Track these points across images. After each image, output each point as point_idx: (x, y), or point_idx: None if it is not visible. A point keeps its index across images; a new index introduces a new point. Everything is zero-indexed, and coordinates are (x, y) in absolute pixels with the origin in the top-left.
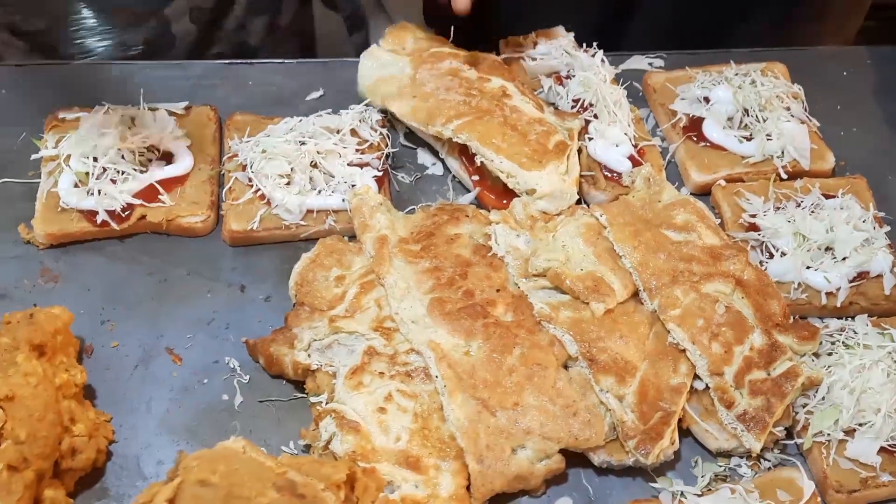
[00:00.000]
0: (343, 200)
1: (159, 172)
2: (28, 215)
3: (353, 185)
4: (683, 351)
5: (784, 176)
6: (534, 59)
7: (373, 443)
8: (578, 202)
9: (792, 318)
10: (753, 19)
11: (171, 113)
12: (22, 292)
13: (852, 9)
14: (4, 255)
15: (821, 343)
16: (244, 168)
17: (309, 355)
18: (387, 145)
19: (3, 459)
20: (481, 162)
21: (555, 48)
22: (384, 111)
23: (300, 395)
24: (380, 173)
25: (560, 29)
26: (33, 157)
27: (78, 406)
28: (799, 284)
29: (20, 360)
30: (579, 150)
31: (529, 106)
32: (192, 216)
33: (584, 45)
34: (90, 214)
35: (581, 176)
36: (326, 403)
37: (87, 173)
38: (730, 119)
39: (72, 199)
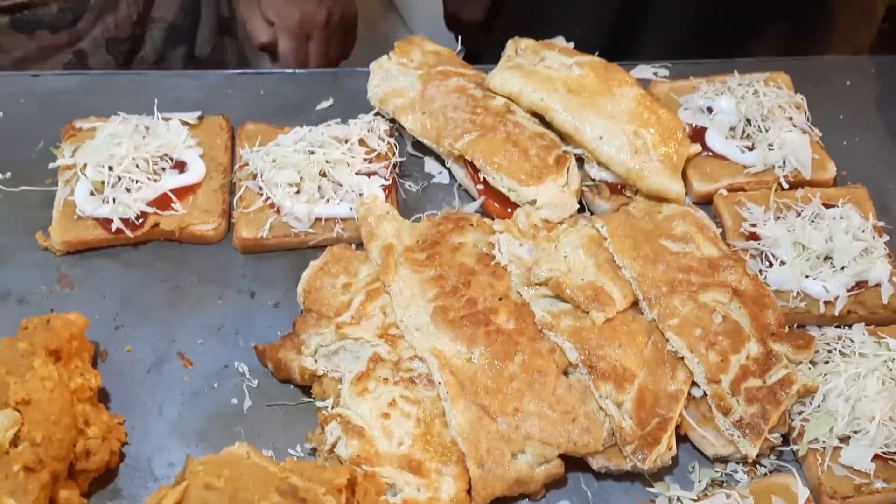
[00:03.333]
0: (351, 209)
1: (172, 181)
2: (45, 223)
3: (360, 194)
4: (681, 359)
5: (785, 185)
6: None
7: (376, 447)
8: (581, 211)
9: (788, 327)
10: (764, 31)
11: (183, 122)
12: (39, 298)
13: (863, 20)
14: (23, 261)
15: (817, 351)
16: (255, 177)
17: (316, 361)
18: (394, 154)
19: (20, 461)
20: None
21: None
22: (392, 120)
23: (307, 399)
24: (387, 182)
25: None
26: (50, 165)
27: (92, 409)
28: (798, 293)
29: (37, 365)
30: (581, 164)
31: (532, 122)
32: (203, 224)
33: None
34: (105, 222)
35: (586, 186)
36: (332, 408)
37: (103, 182)
38: (732, 129)
39: (87, 207)
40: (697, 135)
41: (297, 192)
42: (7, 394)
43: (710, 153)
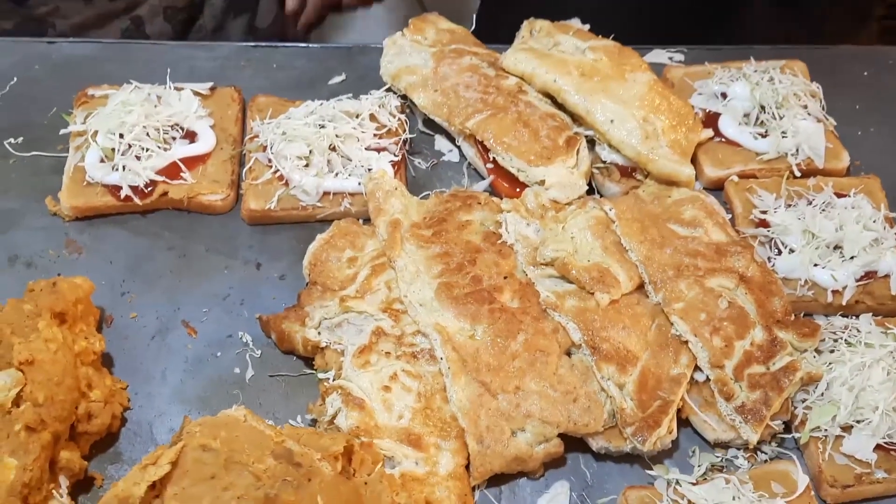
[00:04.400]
0: (359, 184)
1: (182, 150)
2: (55, 188)
3: (369, 169)
4: (685, 343)
5: (797, 174)
6: None
7: (376, 419)
8: (591, 193)
9: (795, 315)
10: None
11: (196, 93)
12: (47, 262)
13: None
14: (32, 225)
15: (823, 340)
16: (264, 149)
17: (319, 333)
18: (405, 131)
19: (21, 420)
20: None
21: None
22: (404, 97)
23: (309, 371)
24: (397, 158)
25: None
26: (62, 131)
27: (95, 373)
28: (806, 281)
29: (41, 327)
30: (592, 146)
31: (544, 102)
32: (212, 194)
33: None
34: (114, 189)
35: (596, 168)
36: (334, 380)
37: (113, 149)
38: (746, 115)
39: (97, 174)
40: (711, 120)
41: (307, 165)
42: (11, 354)
43: (723, 139)
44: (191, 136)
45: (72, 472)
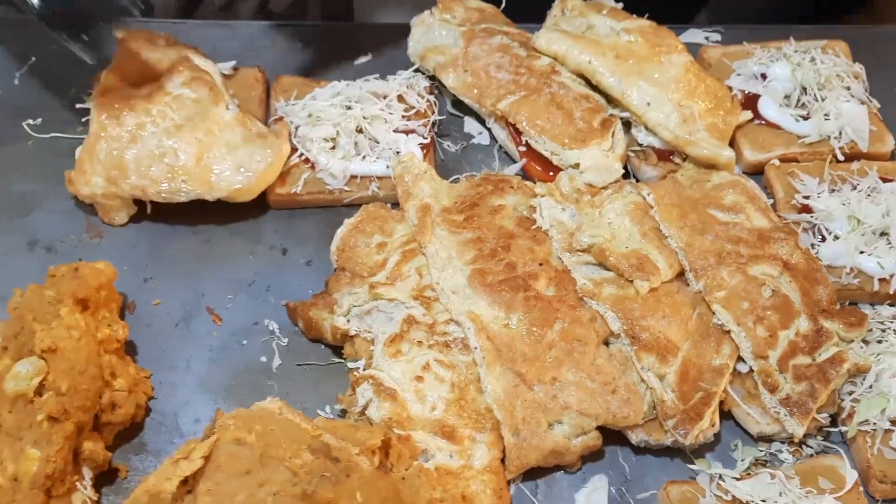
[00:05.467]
0: (387, 167)
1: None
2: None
3: (398, 152)
4: (727, 332)
5: (840, 157)
6: None
7: (409, 411)
8: (626, 176)
9: (840, 303)
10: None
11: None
12: (67, 246)
13: None
14: (52, 209)
15: (870, 330)
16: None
17: (348, 321)
18: (434, 112)
19: (44, 410)
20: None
21: None
22: (433, 78)
23: (338, 360)
24: (426, 140)
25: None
26: (79, 106)
27: (119, 361)
28: (851, 269)
29: (63, 313)
30: (627, 128)
31: (577, 83)
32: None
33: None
34: None
35: (632, 151)
36: (364, 369)
37: None
38: (787, 97)
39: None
40: (750, 102)
41: (333, 147)
42: (33, 341)
43: (763, 121)
44: None
45: (95, 463)
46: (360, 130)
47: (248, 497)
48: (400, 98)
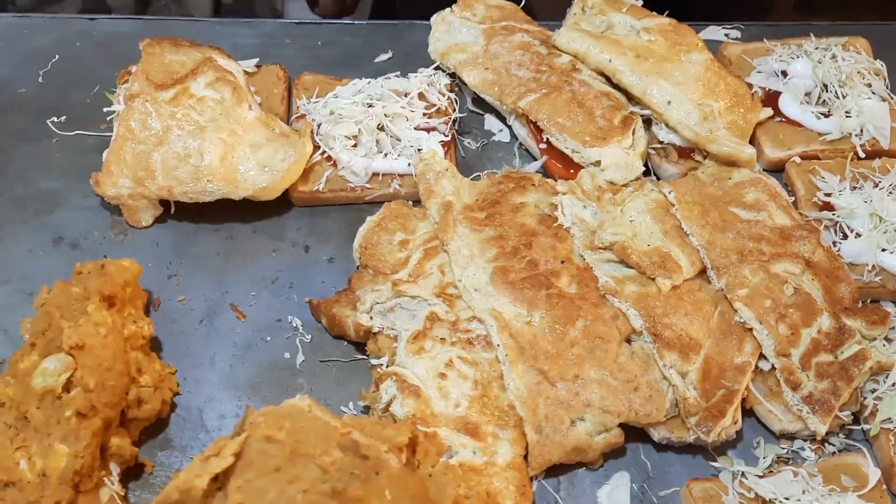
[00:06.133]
0: (409, 165)
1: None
2: (99, 167)
3: (419, 150)
4: (749, 330)
5: (862, 155)
6: None
7: (432, 408)
8: (647, 174)
9: (863, 301)
10: None
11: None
12: (92, 243)
13: None
14: (77, 206)
15: (893, 328)
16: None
17: (371, 318)
18: (454, 110)
19: (72, 406)
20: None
21: None
22: (453, 75)
23: (361, 356)
24: (447, 138)
25: None
26: (105, 109)
27: (144, 357)
28: (873, 267)
29: (91, 310)
30: (648, 125)
31: (598, 81)
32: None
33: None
34: None
35: (653, 149)
36: (387, 366)
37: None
38: (807, 94)
39: None
40: (770, 99)
41: (355, 145)
42: (60, 338)
43: (784, 119)
44: None
45: (122, 458)
46: (381, 128)
47: (279, 494)
48: (421, 96)
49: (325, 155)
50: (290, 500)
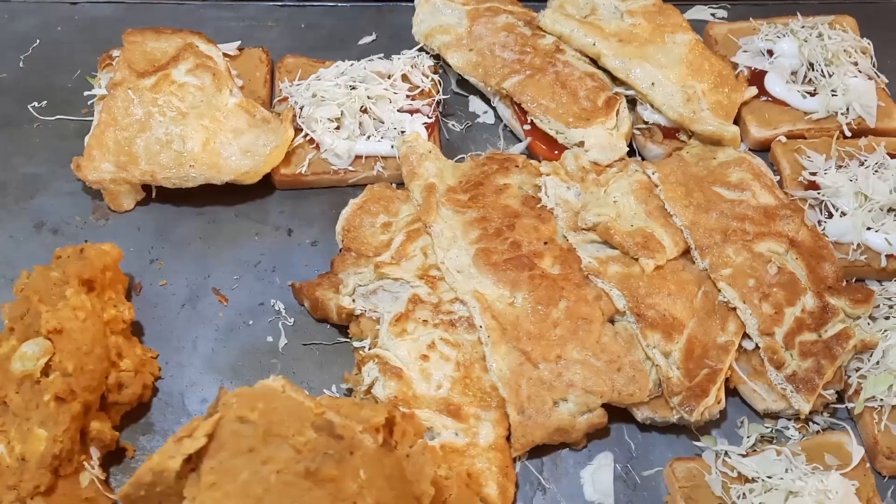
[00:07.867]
0: (392, 147)
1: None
2: (80, 152)
3: (402, 132)
4: (733, 310)
5: (848, 133)
6: None
7: (414, 389)
8: (632, 155)
9: (847, 280)
10: None
11: (224, 54)
12: (73, 228)
13: None
14: (58, 191)
15: (877, 306)
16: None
17: (353, 300)
18: (438, 92)
19: (51, 390)
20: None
21: None
22: (437, 57)
23: (343, 339)
24: (430, 120)
25: None
26: (86, 93)
27: (125, 342)
28: (858, 245)
29: (69, 294)
30: (633, 105)
31: (582, 61)
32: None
33: None
34: None
35: (638, 129)
36: (370, 349)
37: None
38: (793, 73)
39: None
40: (756, 78)
41: (338, 127)
42: (39, 322)
43: (769, 98)
44: None
45: (103, 442)
46: (364, 110)
47: (252, 475)
48: (404, 78)
49: (308, 137)
50: (264, 480)
